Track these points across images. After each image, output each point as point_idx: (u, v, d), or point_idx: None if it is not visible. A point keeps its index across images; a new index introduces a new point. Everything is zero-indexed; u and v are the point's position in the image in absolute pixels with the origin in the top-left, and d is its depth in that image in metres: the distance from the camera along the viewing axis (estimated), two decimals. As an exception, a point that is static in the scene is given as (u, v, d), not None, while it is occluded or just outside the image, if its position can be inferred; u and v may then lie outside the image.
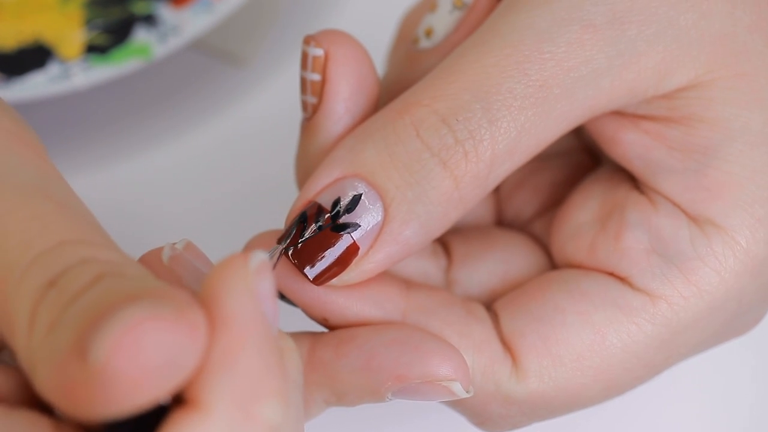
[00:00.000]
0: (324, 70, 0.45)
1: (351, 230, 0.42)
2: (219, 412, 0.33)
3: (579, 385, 0.44)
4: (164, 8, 0.63)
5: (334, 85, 0.45)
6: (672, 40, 0.42)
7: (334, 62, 0.45)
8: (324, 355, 0.43)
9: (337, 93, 0.45)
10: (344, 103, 0.45)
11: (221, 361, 0.34)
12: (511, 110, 0.42)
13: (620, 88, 0.43)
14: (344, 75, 0.45)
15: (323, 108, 0.45)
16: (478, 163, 0.42)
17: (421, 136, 0.42)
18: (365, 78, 0.45)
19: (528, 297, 0.46)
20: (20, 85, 0.60)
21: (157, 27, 0.62)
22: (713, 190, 0.44)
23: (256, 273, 0.35)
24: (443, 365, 0.42)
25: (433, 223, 0.43)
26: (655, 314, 0.44)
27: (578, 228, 0.47)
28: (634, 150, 0.45)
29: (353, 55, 0.45)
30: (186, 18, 0.62)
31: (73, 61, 0.61)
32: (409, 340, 0.43)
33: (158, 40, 0.62)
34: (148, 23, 0.62)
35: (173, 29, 0.62)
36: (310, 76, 0.45)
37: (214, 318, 0.34)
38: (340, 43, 0.45)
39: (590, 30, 0.42)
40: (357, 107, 0.45)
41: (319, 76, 0.45)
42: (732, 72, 0.43)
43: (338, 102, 0.45)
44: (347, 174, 0.43)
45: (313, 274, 0.43)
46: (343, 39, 0.45)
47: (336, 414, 0.54)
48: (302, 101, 0.46)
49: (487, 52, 0.42)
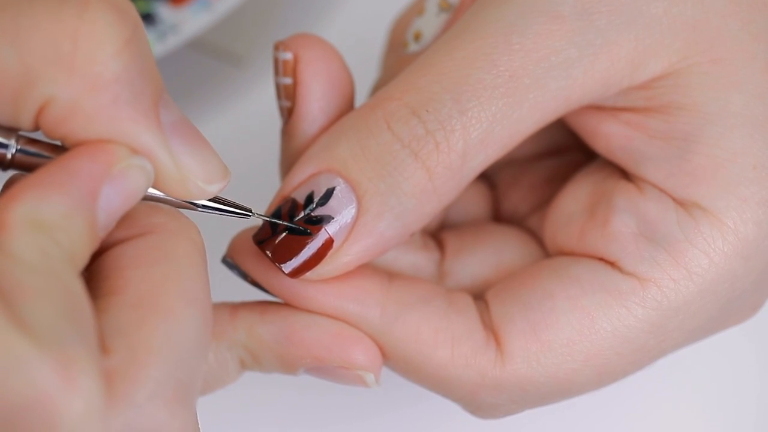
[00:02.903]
0: (294, 73, 0.45)
1: (325, 223, 0.43)
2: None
3: (569, 370, 0.44)
4: (163, 7, 0.63)
5: (305, 87, 0.45)
6: (643, 29, 0.43)
7: (303, 64, 0.45)
8: (248, 316, 0.45)
9: (309, 94, 0.45)
10: (317, 104, 0.45)
11: None
12: (480, 100, 0.42)
13: (593, 79, 0.43)
14: (315, 76, 0.45)
15: (297, 110, 0.45)
16: (450, 153, 0.42)
17: (392, 128, 0.43)
18: (337, 77, 0.45)
19: (518, 284, 0.46)
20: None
21: (155, 26, 0.63)
22: (697, 174, 0.44)
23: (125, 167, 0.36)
24: (360, 355, 0.44)
25: (408, 216, 0.43)
26: (644, 297, 0.44)
27: (569, 217, 0.47)
28: (616, 141, 0.45)
29: (322, 56, 0.45)
30: (185, 17, 0.62)
31: (71, 62, 0.62)
32: (330, 324, 0.44)
33: (157, 39, 0.62)
34: (147, 22, 0.63)
35: (172, 28, 0.62)
36: (282, 80, 0.46)
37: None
38: (308, 45, 0.45)
39: (558, 21, 0.42)
40: (331, 107, 0.45)
41: (290, 79, 0.45)
42: (707, 58, 0.43)
43: (311, 103, 0.45)
44: (321, 169, 0.43)
45: (289, 268, 0.43)
46: (311, 41, 0.45)
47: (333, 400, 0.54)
48: (279, 107, 0.46)
49: (457, 46, 0.43)
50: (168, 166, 0.38)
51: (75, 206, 0.36)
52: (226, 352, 0.45)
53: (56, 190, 0.35)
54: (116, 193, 0.37)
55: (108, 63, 0.36)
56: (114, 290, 0.37)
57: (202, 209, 0.41)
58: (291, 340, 0.44)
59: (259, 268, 0.45)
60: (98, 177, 0.36)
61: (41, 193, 0.35)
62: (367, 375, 0.45)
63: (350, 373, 0.45)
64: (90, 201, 0.36)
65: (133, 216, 0.38)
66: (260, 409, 0.58)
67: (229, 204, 0.42)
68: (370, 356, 0.45)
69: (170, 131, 0.38)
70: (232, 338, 0.45)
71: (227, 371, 0.45)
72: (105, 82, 0.36)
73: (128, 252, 0.38)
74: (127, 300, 0.37)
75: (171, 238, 0.38)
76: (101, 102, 0.36)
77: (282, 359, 0.45)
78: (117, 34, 0.36)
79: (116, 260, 0.38)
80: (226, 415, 0.58)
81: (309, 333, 0.44)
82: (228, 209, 0.42)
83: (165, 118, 0.38)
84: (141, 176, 0.37)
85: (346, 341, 0.44)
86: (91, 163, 0.36)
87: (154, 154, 0.37)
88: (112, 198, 0.37)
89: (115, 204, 0.37)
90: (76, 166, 0.36)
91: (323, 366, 0.45)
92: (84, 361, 0.33)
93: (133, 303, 0.37)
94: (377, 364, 0.45)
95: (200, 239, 0.39)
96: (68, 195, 0.36)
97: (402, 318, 0.45)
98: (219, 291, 0.48)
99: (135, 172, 0.37)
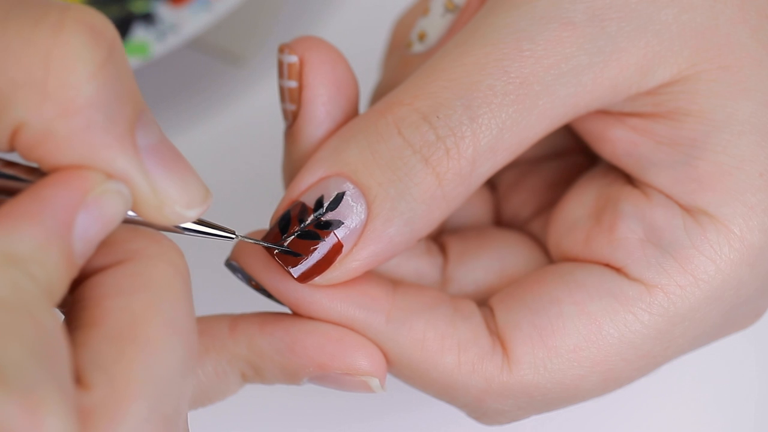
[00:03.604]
0: (300, 77, 0.45)
1: (334, 228, 0.43)
2: None
3: (576, 376, 0.44)
4: (163, 7, 0.63)
5: (311, 91, 0.45)
6: (653, 36, 0.42)
7: (309, 67, 0.45)
8: (247, 329, 0.44)
9: (316, 98, 0.45)
10: (324, 107, 0.45)
11: None
12: (491, 107, 0.42)
13: (602, 85, 0.43)
14: (321, 79, 0.45)
15: (303, 114, 0.45)
16: (460, 159, 0.42)
17: (402, 133, 0.42)
18: (343, 81, 0.45)
19: (524, 289, 0.46)
20: (18, 85, 0.61)
21: (155, 25, 0.62)
22: (703, 181, 0.44)
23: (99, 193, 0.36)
24: (364, 360, 0.44)
25: (417, 221, 0.43)
26: (651, 303, 0.44)
27: (574, 222, 0.47)
28: (623, 147, 0.45)
29: (328, 59, 0.45)
30: (185, 16, 0.62)
31: (71, 61, 0.62)
32: (332, 331, 0.44)
33: (157, 39, 0.62)
34: (147, 22, 0.63)
35: (172, 28, 0.62)
36: (287, 83, 0.45)
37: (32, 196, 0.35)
38: (314, 48, 0.45)
39: (569, 27, 0.42)
40: (337, 110, 0.45)
41: (296, 83, 0.45)
42: (715, 65, 0.43)
43: (318, 106, 0.45)
44: (331, 173, 0.43)
45: (298, 273, 0.43)
46: (316, 44, 0.45)
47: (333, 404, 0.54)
48: (282, 110, 0.46)
49: (468, 51, 0.43)
50: (144, 191, 0.37)
51: (49, 237, 0.35)
52: (227, 366, 0.45)
53: (28, 221, 0.35)
54: (92, 220, 0.36)
55: (81, 87, 0.35)
56: (93, 321, 0.36)
57: (185, 232, 0.40)
58: (293, 350, 0.44)
59: (264, 271, 0.44)
60: (72, 205, 0.35)
61: (13, 225, 0.34)
62: (372, 380, 0.44)
63: (355, 380, 0.44)
64: (65, 230, 0.35)
65: (113, 241, 0.38)
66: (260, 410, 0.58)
67: (213, 226, 0.41)
68: (374, 361, 0.44)
69: (147, 154, 0.37)
70: (233, 352, 0.44)
71: (228, 385, 0.45)
72: (77, 107, 0.35)
73: (107, 281, 0.37)
74: (106, 332, 0.36)
75: (150, 264, 0.37)
76: (74, 127, 0.35)
77: (285, 370, 0.45)
78: (91, 56, 0.35)
79: (95, 289, 0.37)
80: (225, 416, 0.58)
81: (311, 341, 0.44)
82: (211, 232, 0.41)
83: (143, 141, 0.37)
84: (118, 201, 0.36)
85: (348, 347, 0.44)
86: (64, 191, 0.35)
87: (130, 179, 0.36)
88: (88, 225, 0.36)
89: (91, 231, 0.36)
90: (48, 195, 0.35)
91: (327, 374, 0.44)
92: (53, 402, 0.32)
93: (113, 335, 0.36)
94: (382, 369, 0.44)
95: (183, 262, 0.38)
96: (41, 225, 0.35)
97: (408, 324, 0.44)
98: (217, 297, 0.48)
99: (111, 197, 0.36)
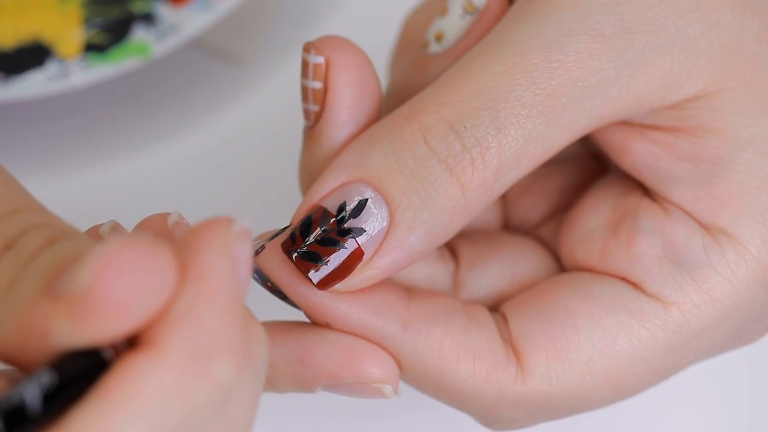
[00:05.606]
0: (326, 78, 0.44)
1: (356, 235, 0.42)
2: (173, 357, 0.33)
3: (587, 388, 0.44)
4: (163, 7, 0.63)
5: (337, 93, 0.44)
6: (680, 51, 0.42)
7: (336, 70, 0.44)
8: None
9: (341, 100, 0.44)
10: (348, 110, 0.44)
11: (186, 308, 0.34)
12: (518, 118, 0.42)
13: (628, 98, 0.43)
14: (347, 82, 0.44)
15: (327, 116, 0.45)
16: (485, 170, 0.42)
17: (428, 142, 0.42)
18: (368, 84, 0.45)
19: (538, 299, 0.46)
20: (19, 83, 0.60)
21: (155, 26, 0.62)
22: (724, 199, 0.44)
23: (237, 236, 0.35)
24: (376, 368, 0.44)
25: (439, 230, 0.43)
26: (666, 320, 0.44)
27: (589, 232, 0.47)
28: (643, 160, 0.45)
29: (355, 62, 0.44)
30: (185, 17, 0.62)
31: (72, 60, 0.61)
32: (342, 341, 0.44)
33: (157, 39, 0.61)
34: (147, 22, 0.62)
35: (172, 28, 0.62)
36: (312, 84, 0.45)
37: (187, 266, 0.34)
38: (341, 49, 0.44)
39: (599, 40, 0.42)
40: (361, 113, 0.45)
41: (320, 84, 0.44)
42: (740, 82, 0.43)
43: (342, 109, 0.44)
44: (353, 179, 0.43)
45: (317, 279, 0.43)
46: (344, 45, 0.44)
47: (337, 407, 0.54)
48: (304, 109, 0.45)
49: (496, 60, 0.42)
50: None
51: None
52: None
53: None
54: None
55: None
56: None
57: None
58: (304, 362, 0.44)
59: (283, 275, 0.44)
60: None
61: None
62: (384, 387, 0.44)
63: (368, 387, 0.44)
64: None
65: None
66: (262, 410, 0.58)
67: None
68: (386, 368, 0.44)
69: None
70: None
71: None
72: None
73: None
74: None
75: None
76: None
77: (297, 380, 0.44)
78: None
79: None
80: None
81: (321, 352, 0.44)
82: None
83: None
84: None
85: (359, 356, 0.44)
86: None
87: None
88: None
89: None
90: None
91: (340, 383, 0.44)
92: None
93: None
94: (394, 375, 0.44)
95: None
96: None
97: (425, 333, 0.44)
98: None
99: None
